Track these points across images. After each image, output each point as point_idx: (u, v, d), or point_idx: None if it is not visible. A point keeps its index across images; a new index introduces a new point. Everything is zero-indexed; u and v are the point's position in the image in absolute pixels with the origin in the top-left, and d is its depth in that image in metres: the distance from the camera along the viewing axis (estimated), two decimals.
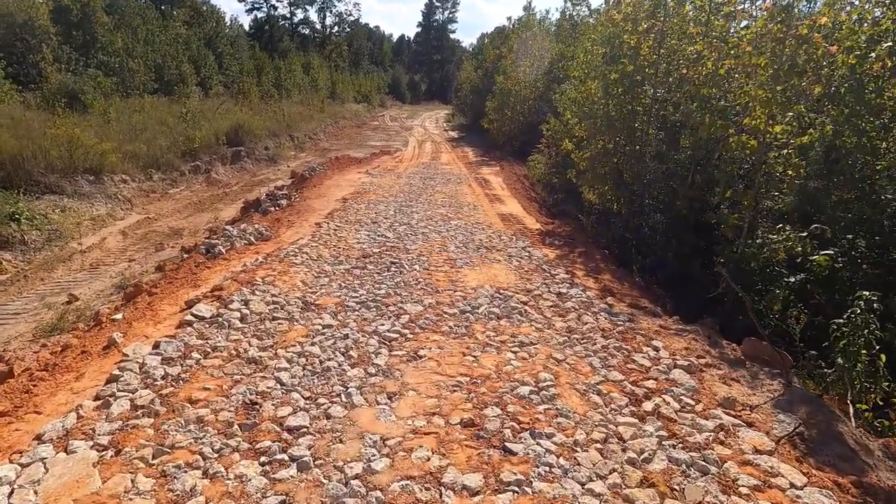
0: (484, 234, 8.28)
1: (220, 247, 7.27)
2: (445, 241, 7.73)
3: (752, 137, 6.14)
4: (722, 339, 5.08)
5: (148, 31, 28.14)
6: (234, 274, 6.03)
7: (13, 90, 18.58)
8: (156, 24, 29.51)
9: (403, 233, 8.15)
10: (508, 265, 6.71)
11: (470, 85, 29.57)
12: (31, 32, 22.44)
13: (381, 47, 60.74)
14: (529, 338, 4.61)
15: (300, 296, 5.38)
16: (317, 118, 26.67)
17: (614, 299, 5.90)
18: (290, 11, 44.62)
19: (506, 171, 16.32)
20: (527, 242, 7.91)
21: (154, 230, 12.27)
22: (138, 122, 17.56)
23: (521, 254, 7.28)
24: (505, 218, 9.81)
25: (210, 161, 17.37)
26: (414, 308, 5.14)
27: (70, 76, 21.10)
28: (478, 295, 5.57)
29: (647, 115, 9.41)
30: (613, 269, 7.21)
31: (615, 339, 4.70)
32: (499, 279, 6.12)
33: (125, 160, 14.93)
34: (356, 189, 12.02)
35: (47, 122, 13.98)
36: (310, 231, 8.21)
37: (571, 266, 7.06)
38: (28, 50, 22.42)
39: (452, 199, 11.31)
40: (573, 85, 14.17)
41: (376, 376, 3.88)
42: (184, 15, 34.18)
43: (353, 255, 6.92)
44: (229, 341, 4.36)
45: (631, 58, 9.46)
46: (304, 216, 9.34)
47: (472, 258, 6.94)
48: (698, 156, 7.33)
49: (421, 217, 9.32)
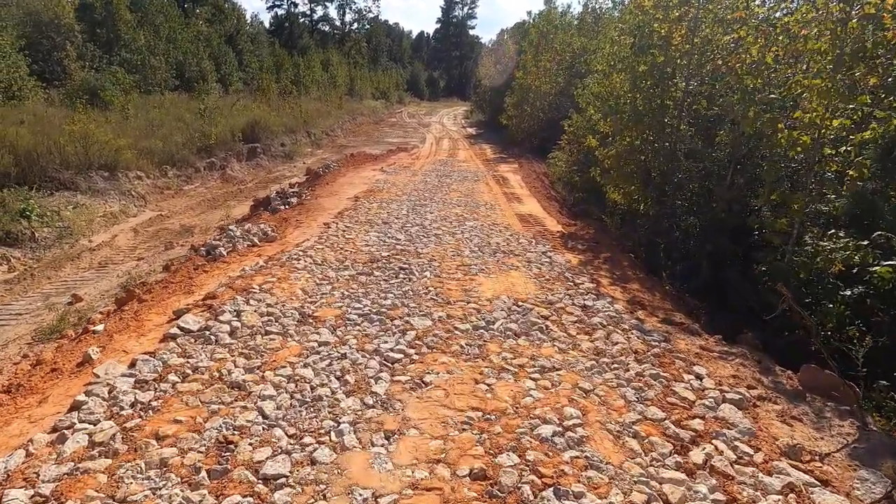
0: (501, 237, 7.64)
1: (222, 248, 6.78)
2: (460, 245, 7.12)
3: (805, 133, 5.39)
4: (774, 363, 4.38)
5: (170, 28, 28.05)
6: (230, 280, 5.52)
7: (38, 87, 18.53)
8: (178, 21, 29.42)
9: (416, 234, 7.56)
10: (527, 272, 6.07)
11: (488, 81, 28.81)
12: (57, 30, 22.44)
13: (400, 44, 60.07)
14: (552, 361, 3.98)
15: (298, 306, 4.83)
16: (334, 114, 26.24)
17: (645, 313, 5.23)
18: (310, 8, 44.37)
19: (524, 168, 15.62)
20: (547, 246, 7.25)
21: (166, 227, 11.92)
22: (155, 118, 17.32)
23: (542, 259, 6.63)
24: (524, 219, 9.15)
25: (226, 157, 17.02)
26: (422, 323, 4.55)
27: (93, 73, 21.05)
28: (493, 308, 4.95)
29: (677, 110, 8.64)
30: (642, 277, 6.52)
31: (650, 363, 4.04)
32: (517, 289, 5.49)
33: (140, 156, 14.66)
34: (370, 187, 11.47)
35: (66, 119, 13.78)
36: (317, 232, 7.68)
37: (596, 273, 6.39)
38: (53, 47, 22.42)
39: (469, 197, 10.68)
40: (596, 79, 13.39)
41: (374, 408, 3.30)
42: (206, 13, 34.09)
43: (360, 259, 6.36)
44: (213, 360, 3.83)
45: (661, 48, 8.71)
46: (313, 215, 8.82)
47: (487, 264, 6.32)
48: (738, 153, 6.57)
49: (435, 217, 8.72)
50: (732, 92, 6.79)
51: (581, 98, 14.02)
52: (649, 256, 8.53)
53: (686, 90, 8.54)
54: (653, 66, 8.68)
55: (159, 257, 9.66)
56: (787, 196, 5.63)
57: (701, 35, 8.58)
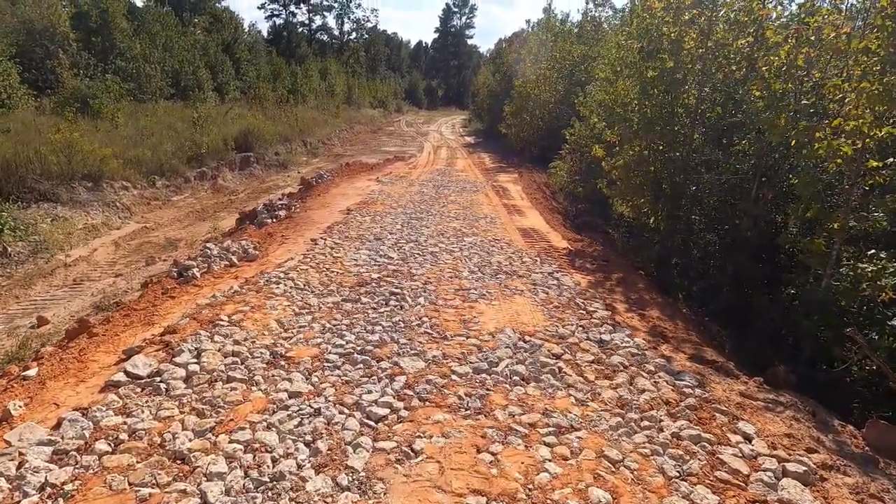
0: (503, 255, 6.92)
1: (195, 269, 6.05)
2: (458, 264, 6.40)
3: (847, 142, 4.70)
4: (831, 416, 3.65)
5: (167, 37, 27.44)
6: (197, 308, 4.78)
7: (28, 95, 17.87)
8: (175, 30, 28.82)
9: (410, 252, 6.84)
10: (534, 298, 5.34)
11: (487, 90, 28.20)
12: (51, 38, 21.82)
13: (398, 53, 59.49)
14: (569, 418, 3.24)
15: (270, 343, 4.09)
16: (331, 123, 25.60)
17: (670, 347, 4.50)
18: (309, 18, 43.81)
19: (525, 178, 14.93)
20: (554, 266, 6.53)
21: (149, 241, 11.19)
22: (146, 126, 16.62)
23: (548, 281, 5.90)
24: (526, 233, 8.44)
25: (217, 167, 16.31)
26: (413, 365, 3.81)
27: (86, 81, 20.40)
28: (497, 343, 4.21)
29: (689, 118, 7.97)
30: (660, 302, 5.80)
31: (687, 418, 3.31)
32: (523, 319, 4.75)
33: (127, 166, 13.94)
34: (363, 198, 10.76)
35: (51, 128, 13.10)
36: (303, 249, 6.95)
37: (609, 297, 5.66)
38: (47, 55, 21.78)
39: (467, 210, 9.97)
40: (600, 86, 12.75)
41: (348, 491, 2.56)
42: (203, 22, 33.53)
43: (346, 282, 5.62)
44: (157, 420, 3.08)
45: (671, 52, 8.05)
46: (300, 230, 8.10)
47: (488, 288, 5.59)
48: (764, 165, 5.88)
49: (431, 232, 8.00)
50: (756, 98, 6.11)
51: (583, 106, 13.37)
52: (662, 274, 7.83)
53: (699, 97, 7.87)
54: (662, 71, 8.01)
55: (139, 273, 8.93)
56: (826, 213, 4.92)
57: (714, 38, 7.94)
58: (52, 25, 22.46)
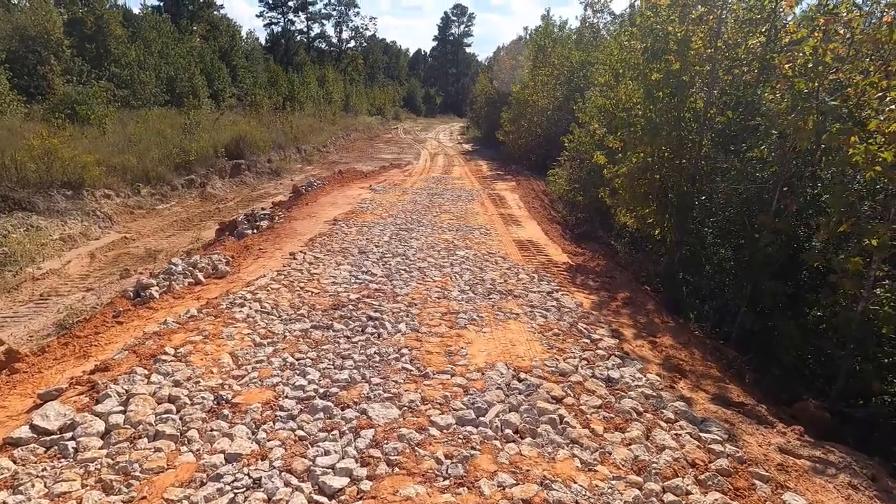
0: (497, 271, 6.24)
1: (154, 289, 5.36)
2: (447, 283, 5.71)
3: (888, 148, 4.03)
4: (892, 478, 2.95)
5: (163, 43, 26.92)
6: (142, 337, 4.09)
7: (17, 101, 17.31)
8: (171, 37, 28.31)
9: (395, 268, 6.15)
10: (531, 323, 4.65)
11: (485, 97, 27.64)
12: (45, 44, 21.28)
13: (397, 61, 58.96)
14: (573, 490, 2.54)
15: (217, 384, 3.40)
16: (327, 130, 24.98)
17: (689, 385, 3.81)
18: (307, 26, 43.27)
19: (522, 186, 14.28)
20: (553, 284, 5.84)
21: (128, 252, 10.50)
22: (133, 133, 15.98)
23: (547, 302, 5.21)
24: (523, 246, 7.76)
25: (206, 174, 15.65)
26: (384, 413, 3.12)
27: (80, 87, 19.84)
28: (487, 383, 3.52)
29: (697, 123, 7.33)
30: (672, 326, 5.10)
31: (720, 489, 2.61)
32: (518, 351, 4.06)
33: (110, 173, 13.29)
34: (352, 208, 10.09)
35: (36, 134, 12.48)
36: (279, 264, 6.27)
37: (616, 320, 4.97)
38: (39, 61, 21.24)
39: (461, 220, 9.30)
40: (600, 91, 12.13)
41: None
42: (201, 29, 33.07)
43: (320, 304, 4.93)
44: (49, 498, 2.39)
45: (678, 53, 7.42)
46: (279, 243, 7.42)
47: (480, 310, 4.90)
48: (786, 173, 5.21)
49: (421, 245, 7.32)
50: (775, 100, 5.46)
51: (582, 112, 12.75)
52: (668, 289, 7.16)
53: (708, 100, 7.23)
54: (668, 73, 7.39)
55: (112, 288, 8.23)
56: (863, 228, 4.25)
57: (724, 38, 7.32)
58: (45, 31, 21.95)
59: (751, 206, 5.42)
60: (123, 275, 8.94)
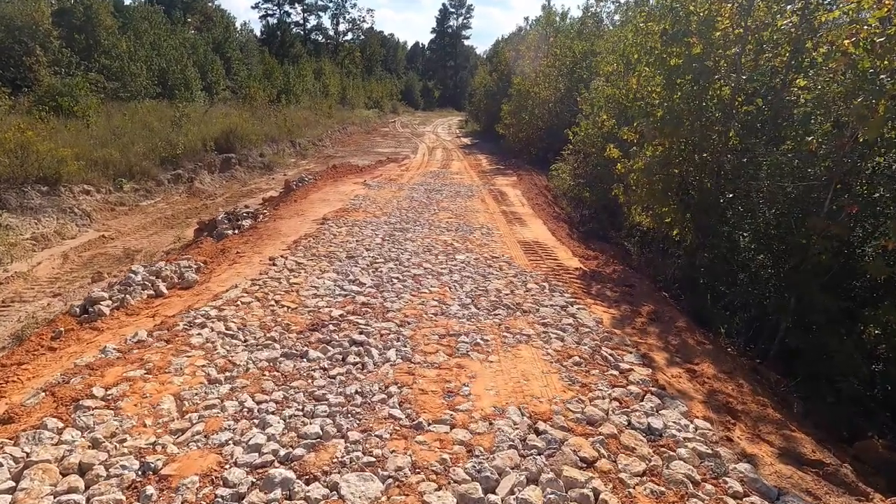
0: (502, 279, 5.41)
1: (105, 304, 4.53)
2: (445, 294, 4.89)
3: None
4: None
5: (155, 35, 25.89)
6: (68, 374, 3.26)
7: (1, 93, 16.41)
8: (163, 28, 27.25)
9: (387, 276, 5.33)
10: (545, 349, 3.83)
11: (484, 89, 26.66)
12: (32, 35, 20.27)
13: (394, 54, 57.47)
14: None
15: (147, 444, 2.58)
16: (323, 123, 24.04)
17: (746, 432, 3.00)
18: (304, 18, 42.00)
19: (524, 181, 13.42)
20: (567, 295, 5.02)
21: (105, 252, 9.67)
22: (118, 125, 15.06)
23: (563, 320, 4.39)
24: (529, 248, 6.93)
25: (194, 169, 14.76)
26: (363, 491, 2.30)
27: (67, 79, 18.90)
28: (496, 439, 2.70)
29: (721, 112, 6.50)
30: (708, 348, 4.29)
31: None
32: (533, 388, 3.25)
33: (90, 168, 12.40)
34: (344, 205, 9.25)
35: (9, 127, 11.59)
36: (255, 271, 5.44)
37: (643, 341, 4.16)
38: (26, 52, 20.26)
39: (461, 218, 8.47)
40: (607, 79, 11.26)
41: None
42: (195, 21, 31.97)
43: (297, 323, 4.11)
44: None
45: (701, 35, 6.59)
46: (260, 245, 6.58)
47: (484, 331, 4.08)
48: (841, 169, 4.39)
49: (416, 248, 6.49)
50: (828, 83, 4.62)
51: (588, 103, 11.89)
52: (689, 297, 6.37)
53: (737, 87, 6.39)
54: (688, 58, 6.55)
55: (81, 293, 7.40)
56: None
57: (755, 16, 6.45)
58: (33, 22, 20.95)
59: (797, 207, 4.59)
60: (96, 278, 8.12)
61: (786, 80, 6.32)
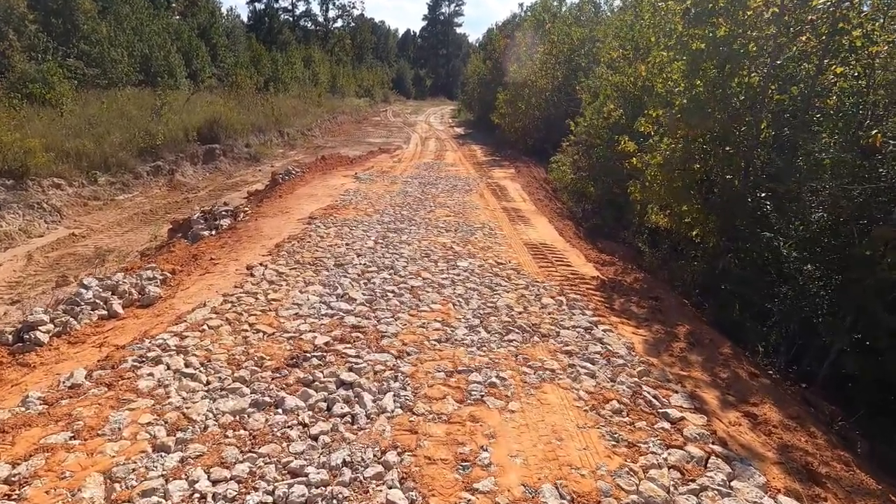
0: (513, 292, 4.67)
1: (44, 328, 3.71)
2: (449, 313, 4.13)
3: None
4: None
5: (137, 19, 24.49)
6: None
7: None
8: (146, 12, 25.81)
9: (380, 290, 4.55)
10: (575, 389, 3.10)
11: (478, 78, 25.65)
12: (6, 19, 18.90)
13: (386, 42, 55.67)
14: None
15: None
16: (313, 112, 22.97)
17: None
18: (292, 4, 40.29)
19: (523, 174, 12.64)
20: (588, 313, 4.29)
21: (74, 252, 8.77)
22: (94, 114, 13.98)
23: (589, 347, 3.66)
24: (538, 252, 6.18)
25: (176, 160, 13.77)
26: None
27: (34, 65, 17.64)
28: None
29: (752, 102, 5.76)
30: (764, 382, 3.58)
31: None
32: (569, 453, 2.52)
33: (61, 160, 11.41)
34: (333, 201, 8.42)
35: None
36: (230, 283, 4.64)
37: (687, 373, 3.45)
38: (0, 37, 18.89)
39: (460, 217, 7.69)
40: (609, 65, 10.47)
41: None
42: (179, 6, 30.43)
43: (273, 355, 3.34)
44: None
45: (728, 14, 5.84)
46: (238, 250, 5.76)
47: (499, 364, 3.34)
48: None
49: (413, 253, 5.71)
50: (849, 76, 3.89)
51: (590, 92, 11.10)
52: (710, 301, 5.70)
53: (769, 73, 5.65)
54: (714, 41, 5.79)
55: (43, 299, 6.53)
56: None
57: None
58: (8, 5, 19.57)
59: (861, 213, 3.88)
60: (60, 282, 7.26)
61: (821, 66, 5.60)
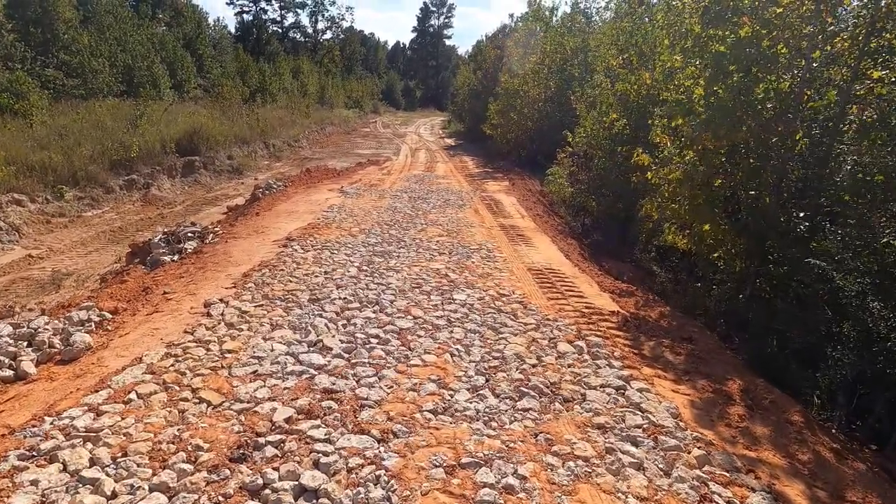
0: (522, 335, 3.81)
1: None
2: (446, 369, 3.26)
3: None
4: None
5: (120, 30, 23.50)
6: None
7: None
8: (129, 22, 24.82)
9: (362, 334, 3.67)
10: (619, 490, 2.24)
11: (468, 89, 24.96)
12: None
13: (375, 53, 54.89)
14: None
15: None
16: (300, 123, 22.07)
17: None
18: (281, 15, 39.40)
19: (517, 187, 11.85)
20: (617, 363, 3.44)
21: (28, 276, 7.77)
22: (65, 125, 12.94)
23: (626, 416, 2.81)
24: (544, 279, 5.34)
25: (152, 174, 12.78)
26: None
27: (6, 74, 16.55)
28: None
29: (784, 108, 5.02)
30: (859, 468, 2.76)
31: None
32: None
33: (23, 174, 10.40)
34: (315, 219, 7.52)
35: None
36: (180, 327, 3.72)
37: (756, 455, 2.61)
38: None
39: (454, 236, 6.84)
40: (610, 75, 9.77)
41: None
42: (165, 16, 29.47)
43: (213, 442, 2.43)
44: None
45: (754, 12, 5.11)
46: (199, 280, 4.84)
47: (515, 453, 2.47)
48: None
49: (402, 283, 4.84)
50: None
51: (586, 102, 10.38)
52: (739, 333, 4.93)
53: (804, 77, 4.92)
54: (738, 43, 5.06)
55: None
56: None
57: None
58: None
59: None
60: (3, 314, 6.23)
61: (856, 70, 4.89)
